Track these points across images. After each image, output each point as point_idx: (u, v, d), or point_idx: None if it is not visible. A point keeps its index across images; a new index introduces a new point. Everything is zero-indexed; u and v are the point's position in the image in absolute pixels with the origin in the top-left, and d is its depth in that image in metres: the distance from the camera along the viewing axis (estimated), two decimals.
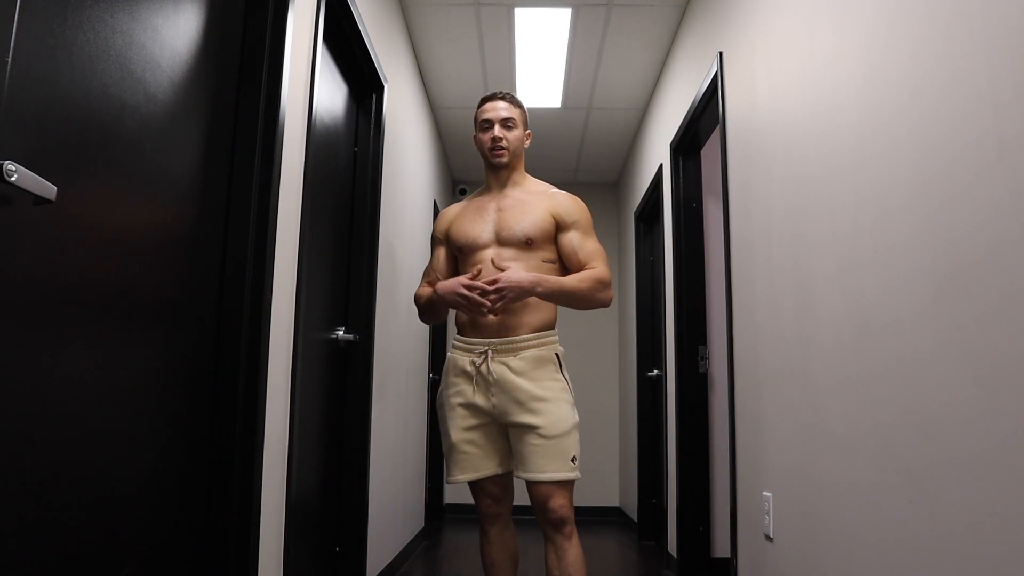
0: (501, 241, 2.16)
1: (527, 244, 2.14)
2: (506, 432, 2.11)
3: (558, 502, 2.00)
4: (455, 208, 2.33)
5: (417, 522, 4.24)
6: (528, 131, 2.31)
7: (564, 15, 3.59)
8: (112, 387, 1.24)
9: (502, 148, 2.20)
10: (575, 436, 2.05)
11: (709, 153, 3.61)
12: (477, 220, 2.21)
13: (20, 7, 0.99)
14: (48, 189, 1.00)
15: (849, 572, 1.66)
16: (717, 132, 3.26)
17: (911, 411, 1.40)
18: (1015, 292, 1.12)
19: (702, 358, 3.46)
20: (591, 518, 5.21)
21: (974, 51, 1.23)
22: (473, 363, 2.10)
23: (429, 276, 2.34)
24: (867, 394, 1.58)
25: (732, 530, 2.60)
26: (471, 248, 2.19)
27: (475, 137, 2.28)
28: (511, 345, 2.09)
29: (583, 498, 2.51)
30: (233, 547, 1.59)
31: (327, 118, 2.46)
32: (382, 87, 2.95)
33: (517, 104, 2.27)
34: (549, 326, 2.16)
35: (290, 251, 1.92)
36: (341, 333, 2.60)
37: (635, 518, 4.81)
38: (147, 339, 1.35)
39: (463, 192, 5.98)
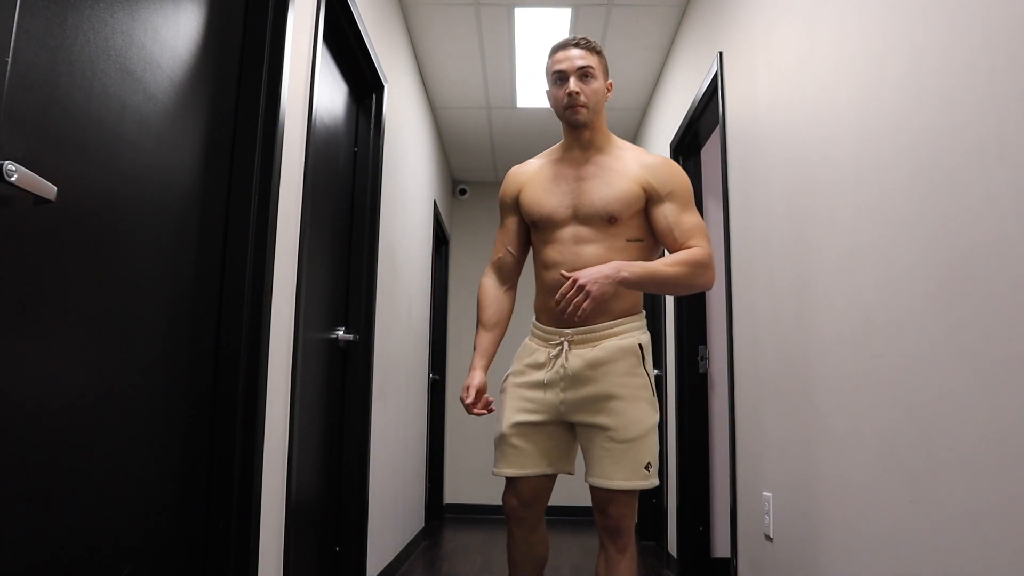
0: (580, 218, 1.86)
1: (610, 222, 1.84)
2: (567, 433, 1.89)
3: (619, 510, 1.81)
4: (528, 168, 2.00)
5: (417, 522, 4.24)
6: (610, 81, 1.96)
7: (564, 15, 3.59)
8: (112, 387, 1.24)
9: (580, 105, 1.86)
10: (652, 439, 1.81)
11: (709, 153, 3.61)
12: (554, 190, 1.90)
13: (20, 7, 0.99)
14: (48, 189, 1.00)
15: (849, 572, 1.66)
16: (717, 132, 3.26)
17: (911, 411, 1.40)
18: (1015, 291, 1.12)
19: (702, 358, 3.46)
20: (591, 518, 5.20)
21: (975, 50, 1.23)
22: (549, 355, 1.87)
23: (499, 251, 2.04)
24: (867, 394, 1.58)
25: (732, 530, 2.60)
26: (546, 224, 1.90)
27: (548, 93, 1.94)
28: (590, 335, 1.84)
29: (583, 498, 2.43)
30: (233, 547, 1.59)
31: (327, 118, 2.46)
32: (382, 87, 2.95)
33: (595, 50, 1.90)
34: (633, 311, 1.89)
35: (290, 251, 1.92)
36: (341, 333, 2.60)
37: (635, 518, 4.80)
38: (147, 339, 1.35)
39: (463, 192, 5.98)
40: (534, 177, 1.96)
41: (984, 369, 1.19)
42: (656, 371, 4.40)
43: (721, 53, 2.80)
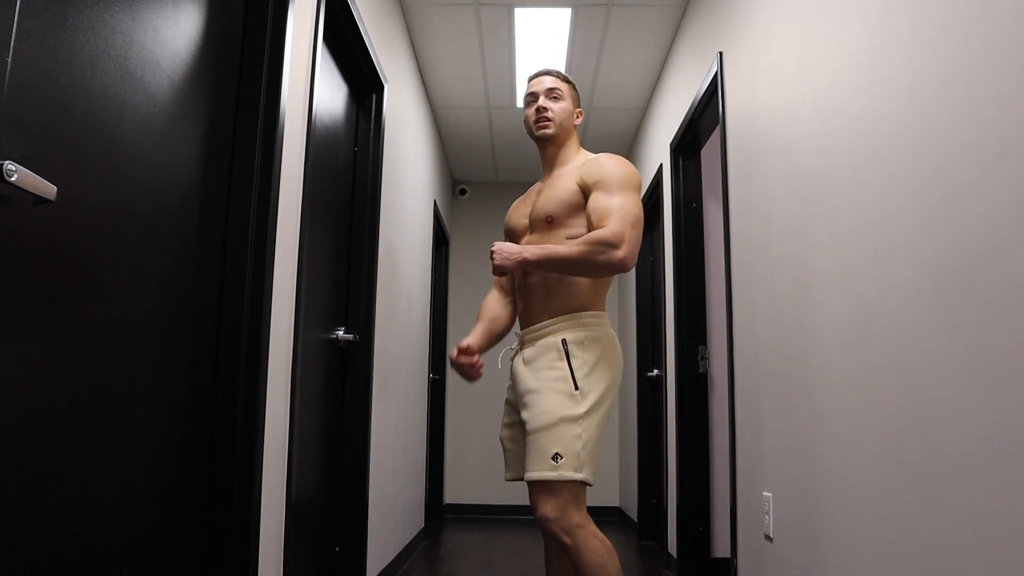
0: (532, 226, 2.02)
1: (548, 222, 1.96)
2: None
3: (542, 509, 1.78)
4: (520, 197, 2.21)
5: (417, 522, 4.24)
6: (579, 109, 2.12)
7: (564, 15, 3.59)
8: (112, 387, 1.24)
9: (547, 119, 2.02)
10: (564, 431, 1.77)
11: (709, 153, 3.61)
12: (523, 206, 2.12)
13: (20, 7, 0.99)
14: (48, 189, 1.00)
15: (849, 572, 1.66)
16: (717, 132, 3.27)
17: (911, 410, 1.40)
18: (1015, 290, 1.12)
19: (702, 358, 3.46)
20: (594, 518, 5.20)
21: (974, 49, 1.23)
22: (512, 354, 2.03)
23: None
24: (867, 394, 1.58)
25: (732, 530, 2.60)
26: (513, 237, 2.11)
27: (524, 119, 2.11)
28: (530, 335, 1.96)
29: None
30: (233, 547, 1.59)
31: (327, 118, 2.46)
32: (382, 87, 2.95)
33: (564, 78, 2.09)
34: (571, 309, 1.92)
35: (290, 251, 1.92)
36: (341, 333, 2.60)
37: (635, 518, 4.81)
38: (147, 339, 1.35)
39: (463, 192, 5.98)
40: (518, 202, 2.17)
41: (984, 368, 1.19)
42: (656, 371, 4.41)
43: (721, 53, 2.80)
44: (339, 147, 2.63)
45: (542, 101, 2.04)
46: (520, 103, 4.56)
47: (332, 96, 2.54)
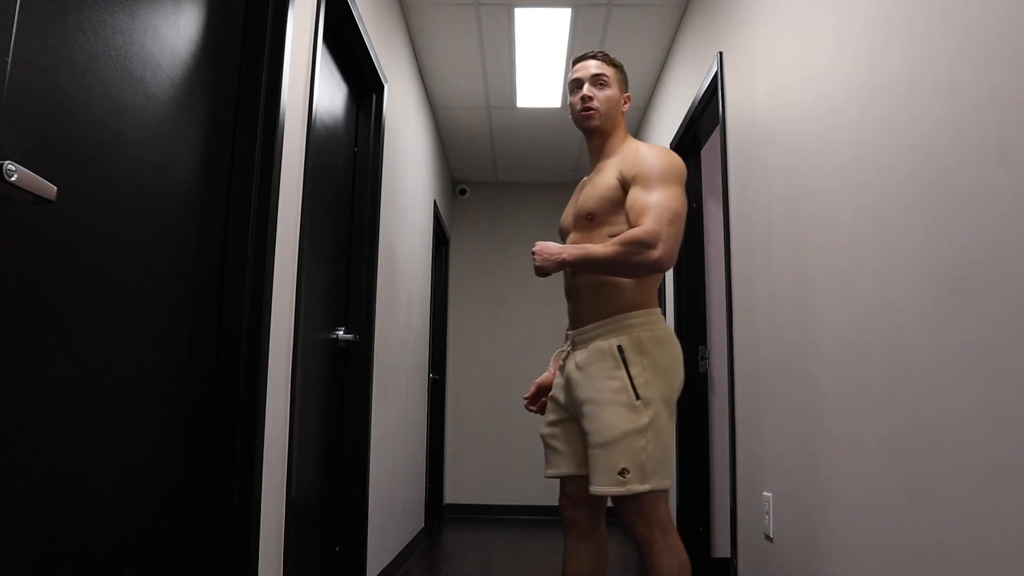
0: (576, 224, 1.95)
1: (589, 220, 1.89)
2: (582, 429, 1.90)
3: (624, 518, 1.78)
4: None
5: (417, 522, 4.24)
6: (627, 94, 2.01)
7: (564, 15, 3.59)
8: (111, 387, 1.24)
9: (591, 108, 1.92)
10: (629, 444, 1.73)
11: (709, 153, 3.61)
12: (572, 202, 2.03)
13: (20, 7, 0.99)
14: (48, 189, 1.00)
15: (849, 572, 1.66)
16: (717, 132, 3.26)
17: (911, 410, 1.40)
18: (1016, 293, 1.12)
19: (702, 358, 3.46)
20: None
21: (975, 50, 1.23)
22: (564, 356, 1.96)
23: None
24: (867, 393, 1.58)
25: (732, 530, 2.60)
26: (563, 236, 2.03)
27: (569, 107, 2.01)
28: (583, 336, 1.88)
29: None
30: (233, 547, 1.59)
31: (327, 118, 2.46)
32: (382, 87, 2.95)
33: (612, 62, 1.98)
34: (620, 310, 1.84)
35: (290, 251, 1.92)
36: (341, 333, 2.60)
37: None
38: (147, 339, 1.35)
39: (463, 192, 5.98)
40: (571, 200, 2.06)
41: (984, 367, 1.19)
42: None
43: (721, 53, 2.80)
44: (339, 147, 2.63)
45: (587, 89, 1.93)
46: (520, 103, 4.56)
47: (332, 96, 2.54)
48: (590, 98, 1.92)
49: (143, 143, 1.33)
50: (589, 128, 1.95)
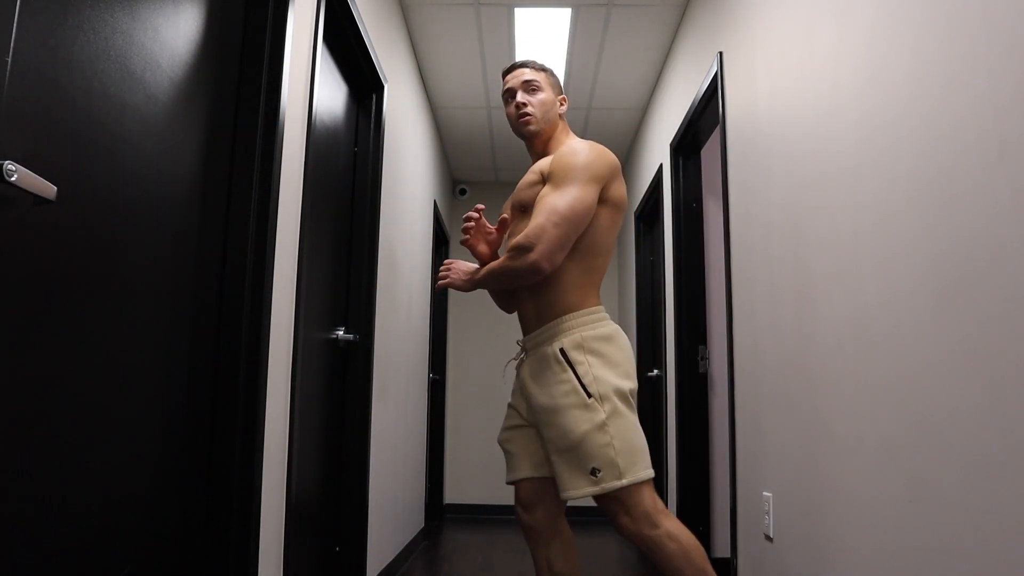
0: (512, 214, 1.98)
1: (522, 211, 1.93)
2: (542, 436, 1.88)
3: (615, 520, 1.77)
4: None
5: (417, 522, 4.24)
6: (562, 95, 2.02)
7: (564, 15, 3.59)
8: (112, 387, 1.24)
9: (527, 114, 1.95)
10: (594, 442, 1.71)
11: (709, 153, 3.61)
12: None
13: (20, 7, 0.99)
14: (48, 189, 1.00)
15: (849, 572, 1.66)
16: (717, 132, 3.26)
17: (912, 410, 1.40)
18: (1016, 292, 1.12)
19: (702, 358, 3.46)
20: (591, 518, 5.21)
21: (974, 51, 1.23)
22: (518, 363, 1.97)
23: None
24: (867, 393, 1.58)
25: (732, 530, 2.60)
26: (505, 226, 2.02)
27: (507, 117, 2.03)
28: (530, 343, 1.90)
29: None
30: (233, 547, 1.59)
31: (327, 118, 2.46)
32: (382, 87, 2.95)
33: (540, 67, 2.01)
34: (559, 313, 1.83)
35: (290, 251, 1.92)
36: (341, 333, 2.60)
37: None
38: (147, 339, 1.35)
39: (463, 192, 5.98)
40: None
41: (984, 366, 1.19)
42: (656, 371, 4.41)
43: (721, 53, 2.80)
44: (339, 147, 2.63)
45: (520, 96, 1.96)
46: None
47: (332, 96, 2.54)
48: (525, 104, 1.95)
49: (143, 143, 1.33)
50: (528, 134, 1.97)
